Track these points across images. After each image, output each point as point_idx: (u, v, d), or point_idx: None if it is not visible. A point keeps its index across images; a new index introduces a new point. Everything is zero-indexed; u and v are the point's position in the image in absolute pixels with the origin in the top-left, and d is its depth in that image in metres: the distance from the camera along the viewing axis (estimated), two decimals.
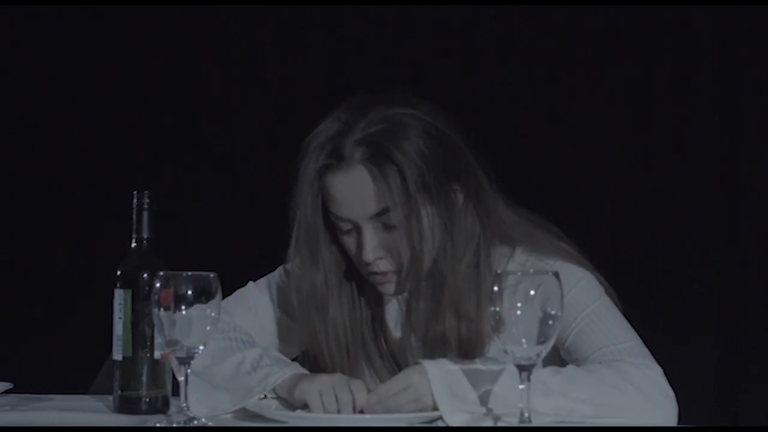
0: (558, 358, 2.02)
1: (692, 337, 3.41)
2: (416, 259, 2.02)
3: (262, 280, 2.26)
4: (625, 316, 2.05)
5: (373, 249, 2.02)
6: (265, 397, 1.97)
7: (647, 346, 2.04)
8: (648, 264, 3.49)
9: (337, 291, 2.10)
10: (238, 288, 2.25)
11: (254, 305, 2.22)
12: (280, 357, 2.08)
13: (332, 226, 2.08)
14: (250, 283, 2.26)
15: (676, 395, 1.93)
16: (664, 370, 2.11)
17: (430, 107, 2.07)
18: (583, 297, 2.02)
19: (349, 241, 2.05)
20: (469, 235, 2.06)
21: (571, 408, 1.83)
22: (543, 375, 1.85)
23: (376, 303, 2.13)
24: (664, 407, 1.90)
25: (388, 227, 2.02)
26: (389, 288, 2.06)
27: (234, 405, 1.97)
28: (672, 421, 1.90)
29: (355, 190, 2.01)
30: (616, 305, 2.06)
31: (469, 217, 2.07)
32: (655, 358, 2.19)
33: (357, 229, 2.03)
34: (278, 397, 1.98)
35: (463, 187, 2.06)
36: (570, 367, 1.92)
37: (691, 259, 3.46)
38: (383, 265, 2.04)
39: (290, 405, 1.96)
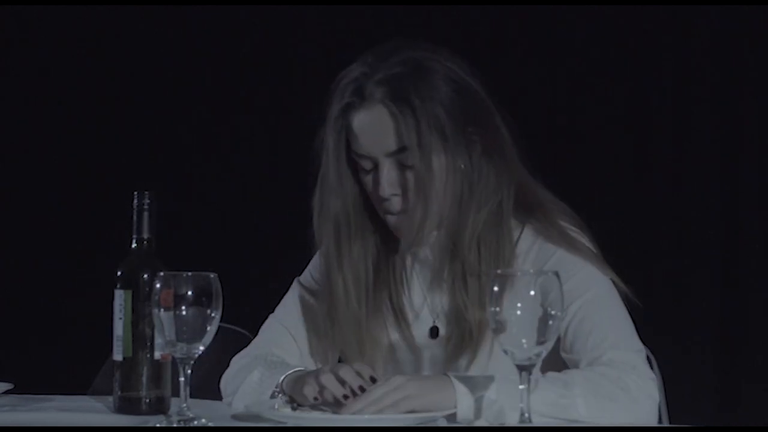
0: (559, 359, 2.02)
1: (692, 337, 3.41)
2: (428, 202, 2.04)
3: (278, 308, 2.28)
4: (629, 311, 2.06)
5: (389, 184, 2.05)
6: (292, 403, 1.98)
7: (646, 344, 2.04)
8: (648, 264, 3.49)
9: (361, 232, 2.13)
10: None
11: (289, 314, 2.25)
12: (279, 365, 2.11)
13: (354, 168, 2.10)
14: (271, 316, 2.29)
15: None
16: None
17: (457, 57, 2.11)
18: (580, 285, 2.02)
19: (369, 180, 2.08)
20: (488, 188, 2.08)
21: (564, 405, 1.84)
22: (536, 374, 1.85)
23: (394, 250, 2.15)
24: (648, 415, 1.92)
25: (405, 166, 2.05)
26: (401, 227, 2.07)
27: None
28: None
29: (374, 127, 2.04)
30: (624, 300, 2.06)
31: (487, 168, 2.08)
32: (656, 359, 2.19)
33: (376, 167, 2.06)
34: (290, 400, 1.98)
35: (482, 137, 2.08)
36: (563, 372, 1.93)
37: (691, 260, 3.46)
38: (398, 204, 2.06)
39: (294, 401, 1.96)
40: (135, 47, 4.07)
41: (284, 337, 2.22)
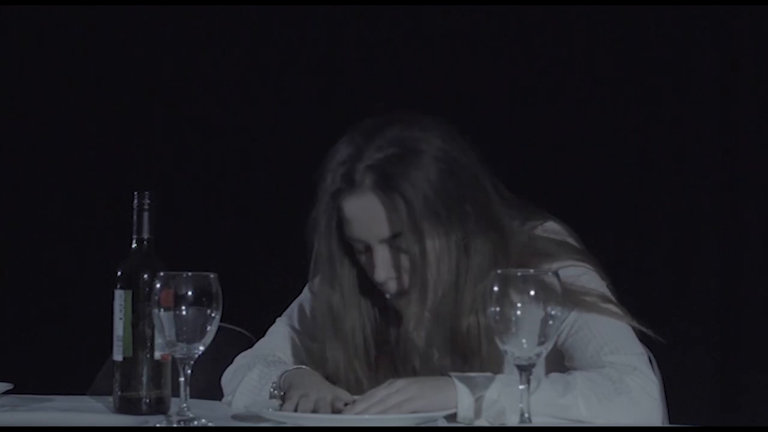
0: (560, 359, 2.02)
1: (692, 337, 3.41)
2: (425, 286, 2.03)
3: (287, 312, 2.28)
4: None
5: (384, 270, 2.04)
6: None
7: (646, 345, 2.04)
8: (648, 264, 3.49)
9: (356, 307, 2.11)
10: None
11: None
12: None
13: (349, 245, 2.09)
14: (278, 320, 2.29)
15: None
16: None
17: (444, 129, 2.07)
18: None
19: (366, 260, 2.08)
20: (484, 261, 2.05)
21: (565, 406, 1.84)
22: (539, 375, 1.85)
23: (395, 315, 2.13)
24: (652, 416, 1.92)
25: (400, 250, 2.04)
26: (402, 306, 2.07)
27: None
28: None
29: (366, 214, 2.03)
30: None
31: (483, 239, 2.06)
32: (656, 358, 2.19)
33: (370, 249, 2.05)
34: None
35: (474, 209, 2.06)
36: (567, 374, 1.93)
37: (691, 259, 3.46)
38: (395, 286, 2.06)
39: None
40: (135, 47, 4.07)
41: (289, 341, 2.23)
